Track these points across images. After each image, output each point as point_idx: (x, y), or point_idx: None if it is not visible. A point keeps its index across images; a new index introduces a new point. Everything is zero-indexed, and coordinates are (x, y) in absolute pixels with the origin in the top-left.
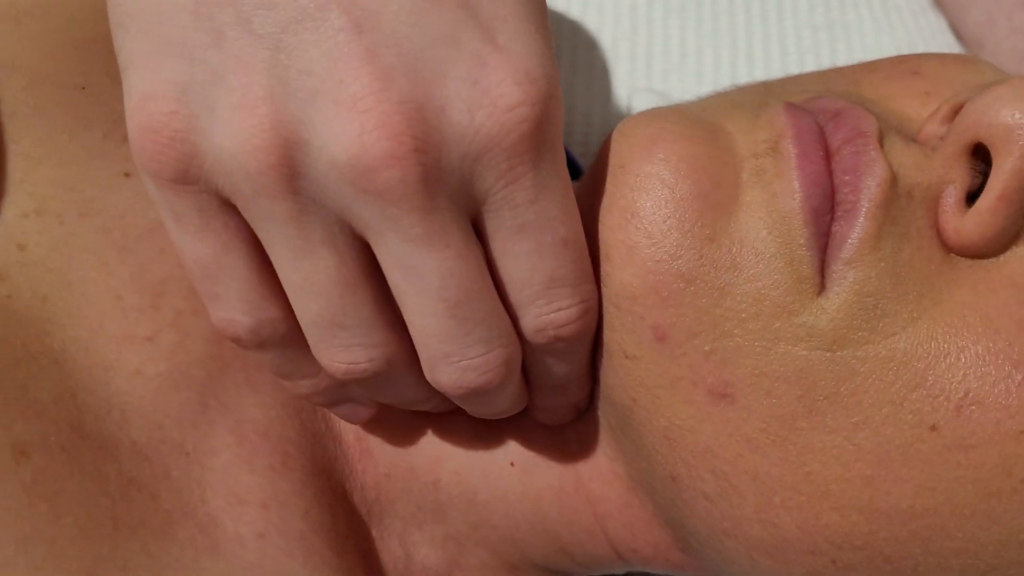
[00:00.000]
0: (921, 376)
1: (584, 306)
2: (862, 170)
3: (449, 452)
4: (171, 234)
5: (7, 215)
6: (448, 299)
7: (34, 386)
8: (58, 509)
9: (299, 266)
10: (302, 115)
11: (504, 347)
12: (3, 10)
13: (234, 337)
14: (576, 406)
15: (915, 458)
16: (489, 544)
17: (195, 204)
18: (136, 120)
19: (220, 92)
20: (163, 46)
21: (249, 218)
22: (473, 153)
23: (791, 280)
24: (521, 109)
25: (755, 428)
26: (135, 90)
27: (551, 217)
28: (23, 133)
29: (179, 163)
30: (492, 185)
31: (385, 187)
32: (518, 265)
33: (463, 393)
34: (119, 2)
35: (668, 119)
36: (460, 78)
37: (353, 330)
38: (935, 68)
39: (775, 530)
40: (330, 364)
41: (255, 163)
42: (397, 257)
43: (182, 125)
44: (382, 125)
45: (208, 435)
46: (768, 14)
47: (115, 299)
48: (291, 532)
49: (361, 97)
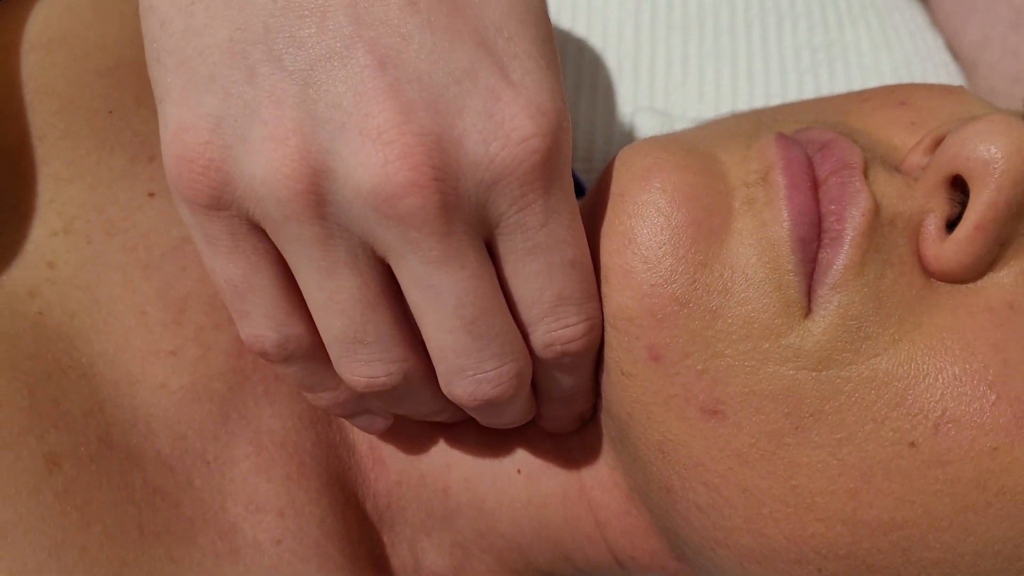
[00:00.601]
0: (901, 395)
1: (590, 323)
2: (847, 200)
3: (458, 460)
4: (203, 256)
5: (37, 234)
6: (464, 316)
7: (65, 399)
8: (88, 517)
9: (324, 286)
10: (329, 146)
11: (516, 361)
12: (35, 38)
13: (261, 352)
14: (580, 416)
15: (895, 473)
16: (495, 551)
17: (226, 228)
18: (172, 150)
19: (253, 124)
20: (198, 81)
21: (277, 241)
22: (488, 181)
23: (779, 304)
24: (533, 140)
25: (745, 443)
26: (171, 122)
27: (560, 240)
28: (53, 155)
29: (213, 190)
30: (505, 210)
31: (407, 213)
32: (528, 285)
33: (477, 405)
34: (156, 38)
35: (666, 149)
36: (476, 111)
37: (373, 346)
38: (922, 99)
39: (764, 540)
40: (351, 378)
41: (285, 190)
42: (416, 277)
43: (216, 155)
44: (404, 156)
45: (228, 445)
46: (768, 34)
47: (140, 315)
48: (307, 539)
49: (385, 129)
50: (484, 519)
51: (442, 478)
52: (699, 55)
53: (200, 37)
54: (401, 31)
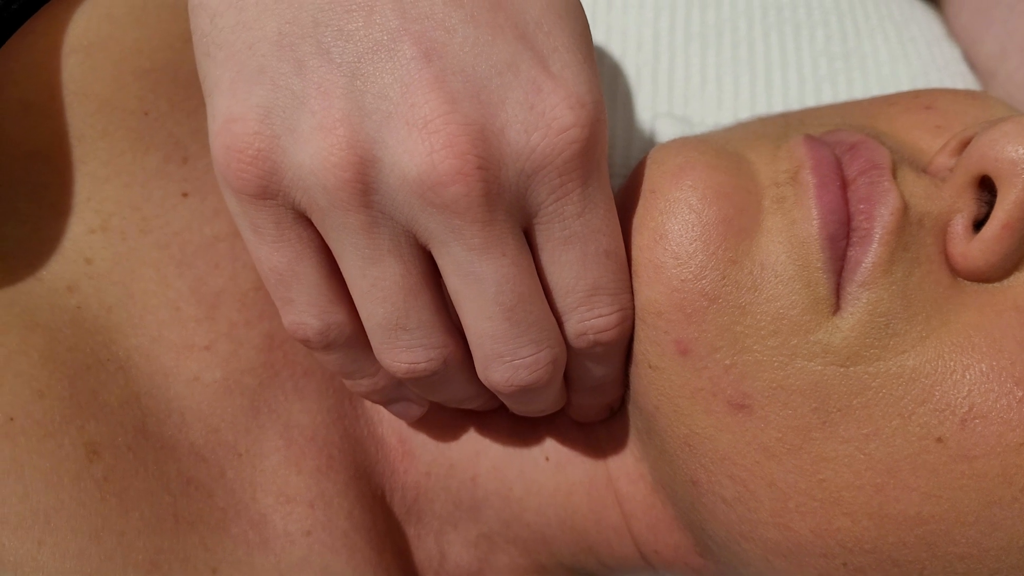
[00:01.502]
0: (929, 391)
1: (622, 314)
2: (876, 199)
3: (488, 447)
4: (248, 244)
5: (75, 231)
6: (503, 303)
7: (103, 390)
8: (126, 504)
9: (368, 273)
10: (376, 135)
11: (551, 348)
12: (76, 42)
13: (304, 339)
14: (609, 407)
15: (922, 468)
16: (520, 541)
17: (272, 217)
18: (221, 140)
19: (301, 115)
20: (247, 73)
21: (323, 229)
22: (528, 170)
23: (808, 300)
24: (572, 131)
25: (772, 437)
26: (220, 113)
27: (596, 230)
28: (90, 155)
29: (260, 179)
30: (544, 199)
31: (451, 201)
32: (564, 273)
33: (513, 391)
34: (206, 32)
35: (696, 149)
36: (518, 102)
37: (415, 332)
38: (948, 103)
39: (790, 533)
40: (392, 364)
41: (333, 179)
42: (458, 265)
43: (264, 145)
44: (449, 145)
45: (259, 438)
46: (786, 43)
47: (174, 310)
48: (336, 530)
49: (431, 119)
50: (511, 508)
51: (471, 466)
52: (717, 63)
53: (250, 31)
54: (445, 25)
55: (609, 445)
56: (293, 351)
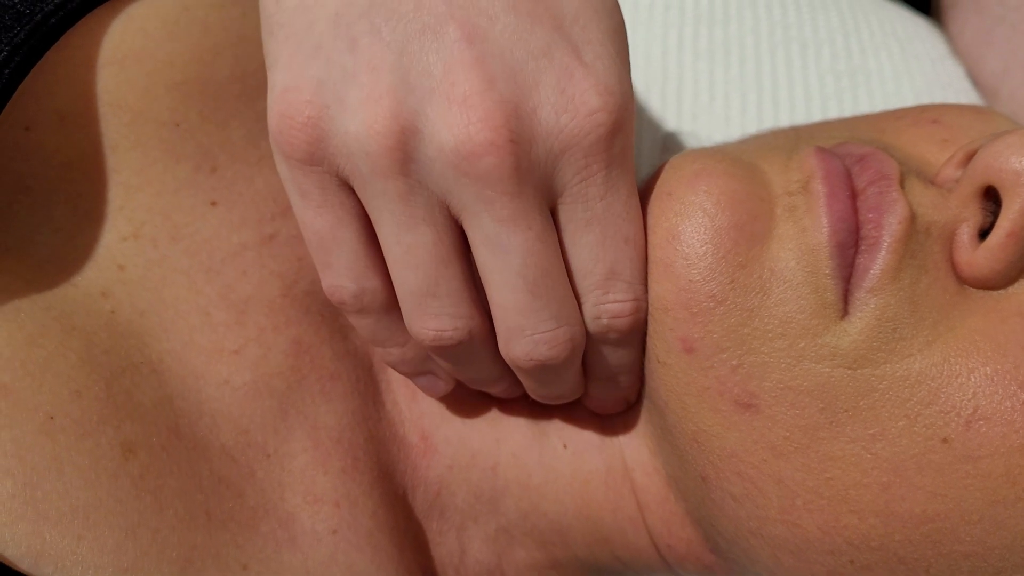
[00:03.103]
0: (935, 393)
1: (636, 304)
2: (885, 209)
3: (508, 435)
4: (295, 209)
5: (108, 238)
6: (527, 276)
7: (137, 392)
8: (161, 502)
9: (402, 239)
10: (418, 108)
11: (570, 327)
12: (110, 55)
13: (340, 302)
14: (625, 399)
15: (928, 467)
16: (537, 532)
17: (318, 183)
18: (277, 108)
19: (351, 88)
20: (305, 50)
21: (363, 197)
22: (557, 149)
23: (816, 305)
24: (599, 115)
25: (779, 436)
26: (278, 84)
27: (616, 214)
28: (123, 164)
29: (309, 145)
30: (570, 180)
31: (484, 171)
32: (584, 255)
33: (532, 366)
34: (271, 13)
35: (712, 157)
36: (551, 86)
37: (444, 300)
38: (953, 118)
39: (797, 530)
40: (420, 331)
41: (375, 145)
42: (487, 236)
43: (315, 113)
44: (485, 119)
45: (287, 439)
46: (792, 61)
47: (204, 315)
48: (361, 529)
49: (469, 95)
50: (529, 496)
51: (492, 455)
52: (725, 80)
53: (310, 12)
54: (488, 12)
55: (626, 437)
56: (320, 356)
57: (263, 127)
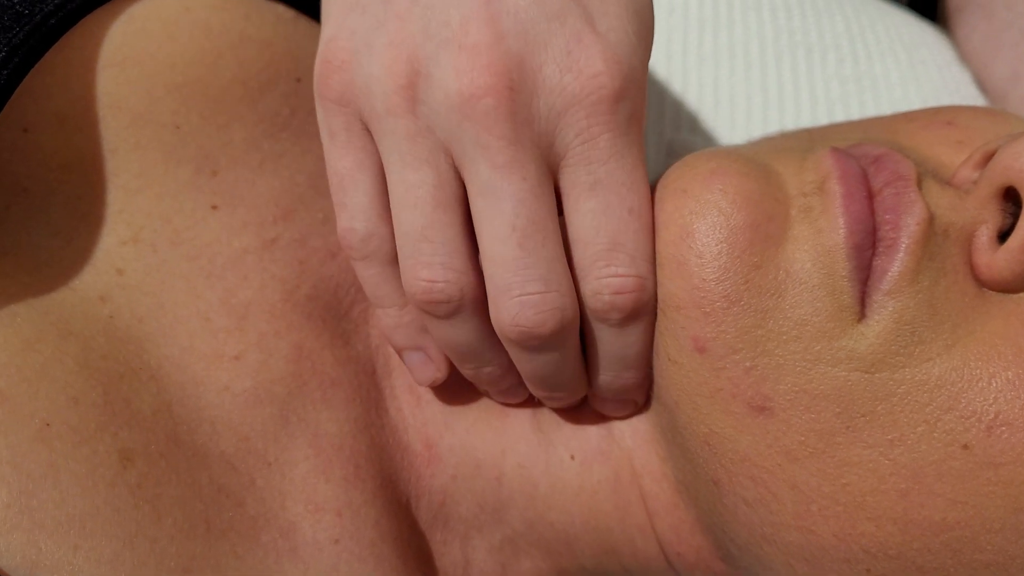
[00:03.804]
0: (955, 399)
1: (639, 282)
2: (902, 209)
3: (513, 445)
4: (325, 149)
5: (107, 242)
6: (517, 227)
7: (136, 398)
8: (159, 511)
9: (405, 177)
10: (433, 55)
11: (560, 294)
12: (110, 56)
13: (349, 245)
14: (633, 401)
15: (948, 474)
16: (543, 543)
17: (345, 124)
18: (320, 56)
19: (379, 35)
20: (348, 5)
21: (377, 136)
22: (558, 107)
23: (832, 308)
24: (602, 77)
25: (794, 441)
26: (325, 35)
27: (620, 182)
28: (123, 168)
29: (339, 85)
30: (571, 140)
31: (482, 113)
32: (584, 223)
33: (519, 334)
34: None
35: (727, 157)
36: (559, 47)
37: (437, 247)
38: (968, 119)
39: (813, 537)
40: (413, 282)
41: (391, 83)
42: (483, 182)
43: (347, 57)
44: (488, 65)
45: (288, 447)
46: (798, 66)
47: (204, 320)
48: (363, 539)
49: (478, 45)
50: (535, 507)
51: (497, 465)
52: (730, 84)
53: None
54: None
55: (634, 442)
56: (321, 361)
57: (265, 130)
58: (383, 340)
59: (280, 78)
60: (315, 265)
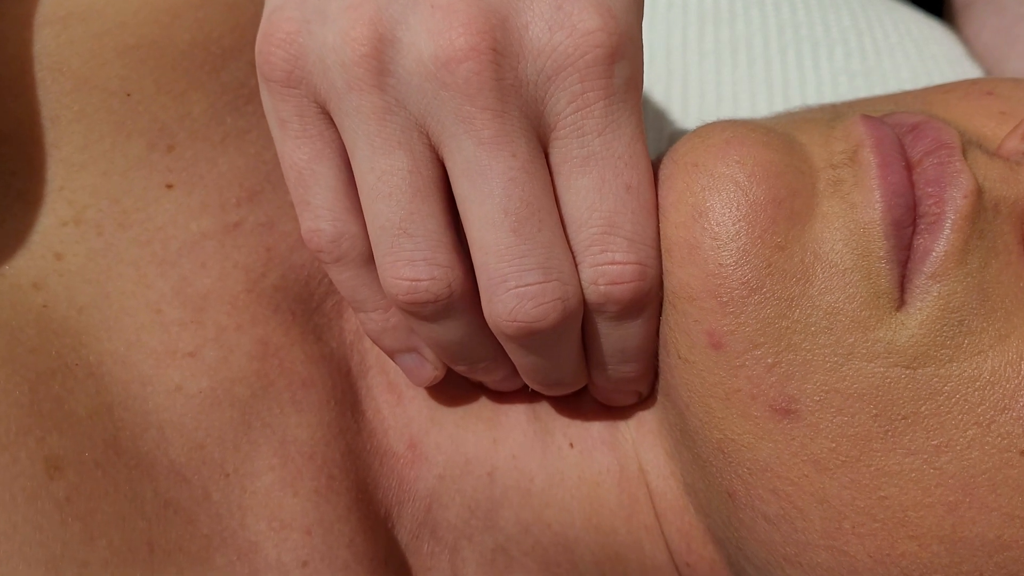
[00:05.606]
0: (1011, 397)
1: (639, 269)
2: (947, 181)
3: (506, 435)
4: (275, 140)
5: (45, 223)
6: (509, 209)
7: (69, 398)
8: (92, 530)
9: (376, 165)
10: (400, 16)
11: (562, 282)
12: (50, 12)
13: (318, 249)
14: (636, 391)
15: (1003, 485)
16: (539, 550)
17: (297, 108)
18: (262, 29)
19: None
20: None
21: (338, 120)
22: (548, 70)
23: (867, 294)
24: (598, 34)
25: (823, 448)
26: (269, 6)
27: (617, 156)
28: (64, 139)
29: (286, 62)
30: (563, 108)
31: (463, 79)
32: (579, 202)
33: (517, 331)
34: None
35: (745, 126)
36: (547, 3)
37: (419, 241)
38: (1009, 90)
39: (844, 558)
40: (394, 283)
41: (351, 52)
42: (467, 162)
43: (294, 28)
44: (467, 23)
45: (250, 456)
46: (804, 60)
47: (154, 313)
48: (336, 561)
49: (455, 2)
50: (531, 505)
51: (489, 458)
52: (733, 80)
53: None
54: None
55: (639, 433)
56: (290, 359)
57: (229, 101)
58: (359, 335)
59: (246, 45)
60: (284, 252)
